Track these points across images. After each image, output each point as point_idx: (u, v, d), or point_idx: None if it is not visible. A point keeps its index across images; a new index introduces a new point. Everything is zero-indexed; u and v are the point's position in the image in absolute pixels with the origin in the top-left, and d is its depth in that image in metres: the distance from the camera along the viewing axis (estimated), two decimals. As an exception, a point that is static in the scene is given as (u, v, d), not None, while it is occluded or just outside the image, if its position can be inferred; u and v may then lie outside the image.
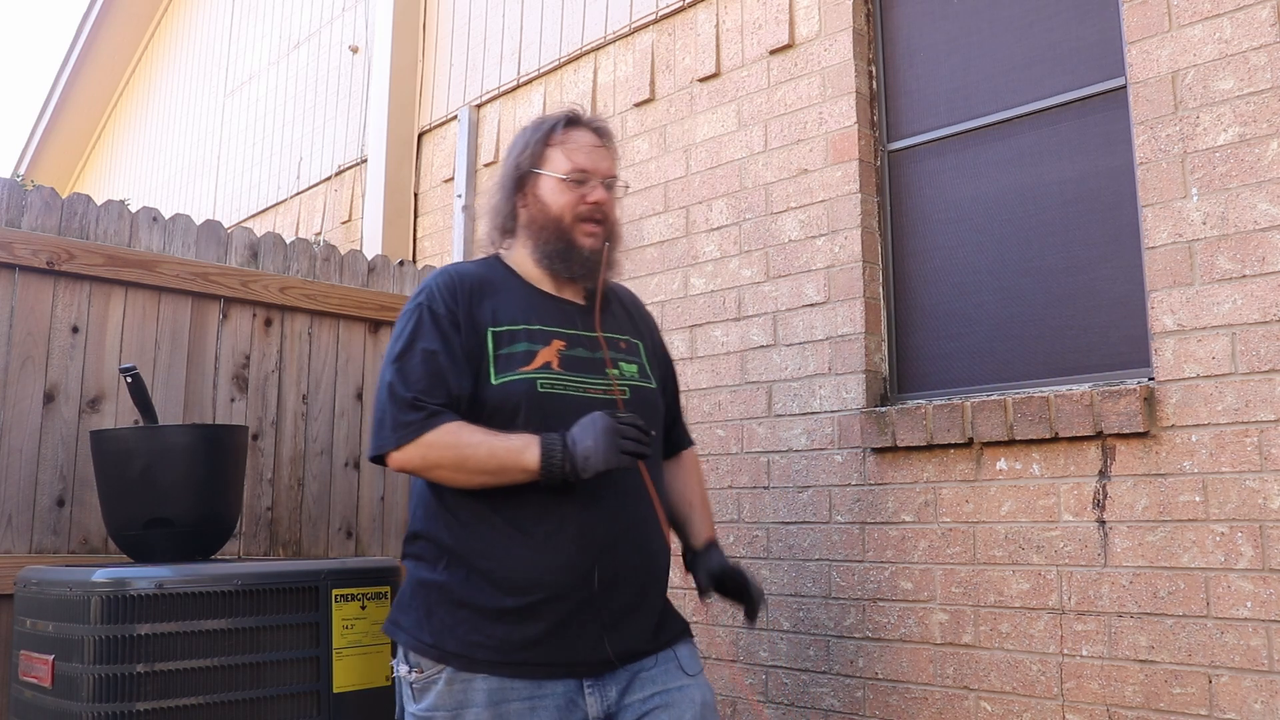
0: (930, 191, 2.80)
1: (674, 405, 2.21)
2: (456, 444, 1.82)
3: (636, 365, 2.04)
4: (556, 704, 1.84)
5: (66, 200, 2.81)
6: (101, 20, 7.97)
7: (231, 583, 2.15)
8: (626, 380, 1.98)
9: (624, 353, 2.03)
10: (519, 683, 1.82)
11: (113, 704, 1.99)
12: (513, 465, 1.79)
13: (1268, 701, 1.98)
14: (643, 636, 1.92)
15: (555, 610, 1.83)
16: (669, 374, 2.21)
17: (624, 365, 2.00)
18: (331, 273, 3.39)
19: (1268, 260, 2.08)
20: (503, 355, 1.90)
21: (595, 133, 2.05)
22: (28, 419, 2.68)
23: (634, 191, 3.46)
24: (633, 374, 2.01)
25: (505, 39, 4.19)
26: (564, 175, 1.97)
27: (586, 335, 1.98)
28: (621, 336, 2.06)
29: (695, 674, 1.96)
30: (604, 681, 1.88)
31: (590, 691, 1.87)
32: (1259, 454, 2.05)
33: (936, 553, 2.51)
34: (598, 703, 1.87)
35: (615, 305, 2.13)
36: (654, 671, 1.92)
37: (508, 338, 1.92)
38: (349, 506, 3.32)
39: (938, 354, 2.73)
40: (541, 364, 1.91)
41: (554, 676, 1.85)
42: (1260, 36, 2.13)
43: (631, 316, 2.15)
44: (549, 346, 1.94)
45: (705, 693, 1.96)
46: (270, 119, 6.00)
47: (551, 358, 1.92)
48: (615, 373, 1.96)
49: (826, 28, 2.97)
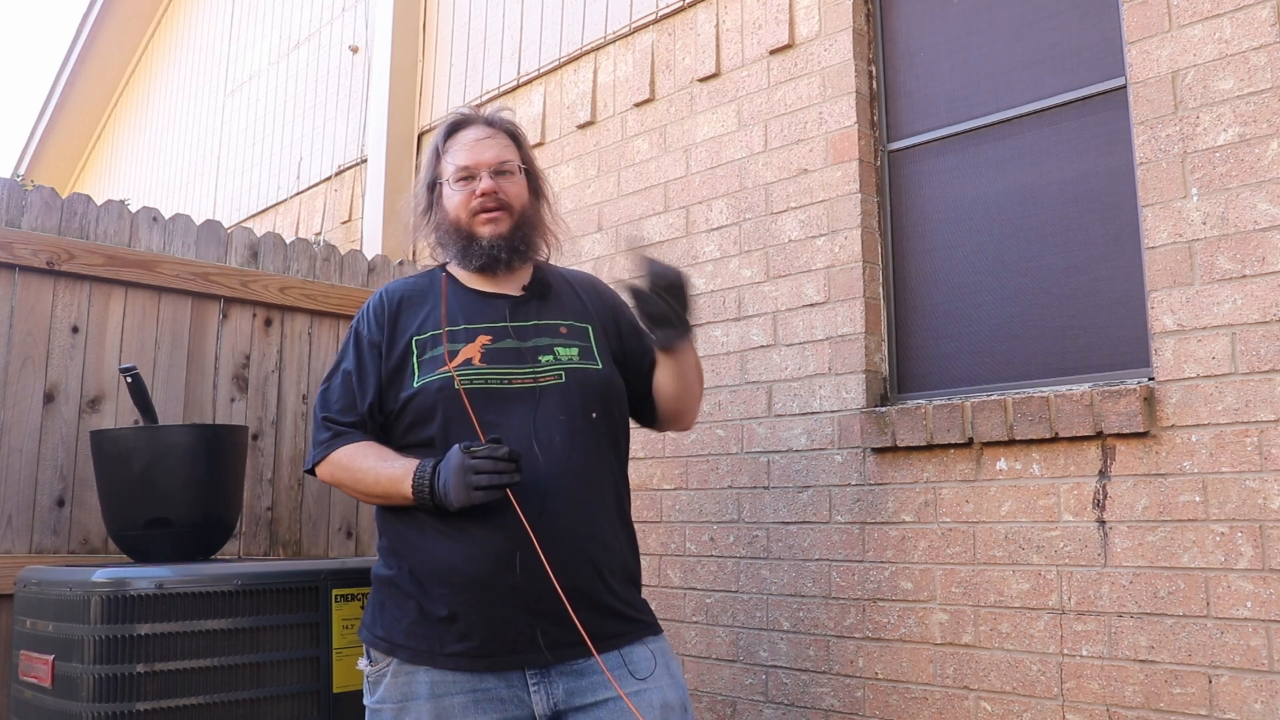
0: (930, 191, 2.80)
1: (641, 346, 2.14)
2: (351, 466, 1.93)
3: (578, 348, 2.00)
4: (500, 699, 1.85)
5: (66, 200, 2.81)
6: (101, 20, 7.97)
7: (231, 583, 2.15)
8: (562, 364, 1.96)
9: (564, 338, 2.01)
10: (459, 676, 1.84)
11: (113, 704, 1.99)
12: (395, 492, 1.87)
13: (1268, 701, 1.99)
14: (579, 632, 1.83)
15: (481, 600, 1.84)
16: (638, 347, 2.13)
17: (560, 350, 1.99)
18: (331, 273, 3.39)
19: (1268, 260, 2.08)
20: (425, 360, 1.96)
21: (484, 125, 2.09)
22: (28, 419, 2.68)
23: (634, 191, 3.46)
24: (571, 357, 1.98)
25: (505, 39, 4.19)
26: (452, 178, 2.04)
27: (516, 326, 2.00)
28: (562, 322, 2.03)
29: (645, 677, 1.87)
30: (549, 678, 1.86)
31: (535, 688, 1.85)
32: (1259, 454, 2.05)
33: (936, 553, 2.52)
34: (543, 700, 1.85)
35: (564, 290, 2.11)
36: (602, 677, 1.85)
37: (430, 343, 1.98)
38: (349, 506, 3.32)
39: (938, 354, 2.73)
40: (462, 361, 1.95)
41: (493, 670, 1.85)
42: (1260, 36, 2.13)
43: (581, 298, 2.12)
44: (473, 343, 1.98)
45: (666, 694, 1.88)
46: (270, 119, 6.00)
47: (474, 354, 1.96)
48: (549, 359, 1.97)
49: (826, 28, 2.97)
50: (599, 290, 2.19)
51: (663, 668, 1.91)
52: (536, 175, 2.14)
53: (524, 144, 2.13)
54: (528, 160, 2.12)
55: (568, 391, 1.93)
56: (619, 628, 1.90)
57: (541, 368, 1.95)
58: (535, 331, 2.00)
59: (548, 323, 2.03)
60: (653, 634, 1.96)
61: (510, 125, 2.12)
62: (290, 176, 5.62)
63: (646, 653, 1.91)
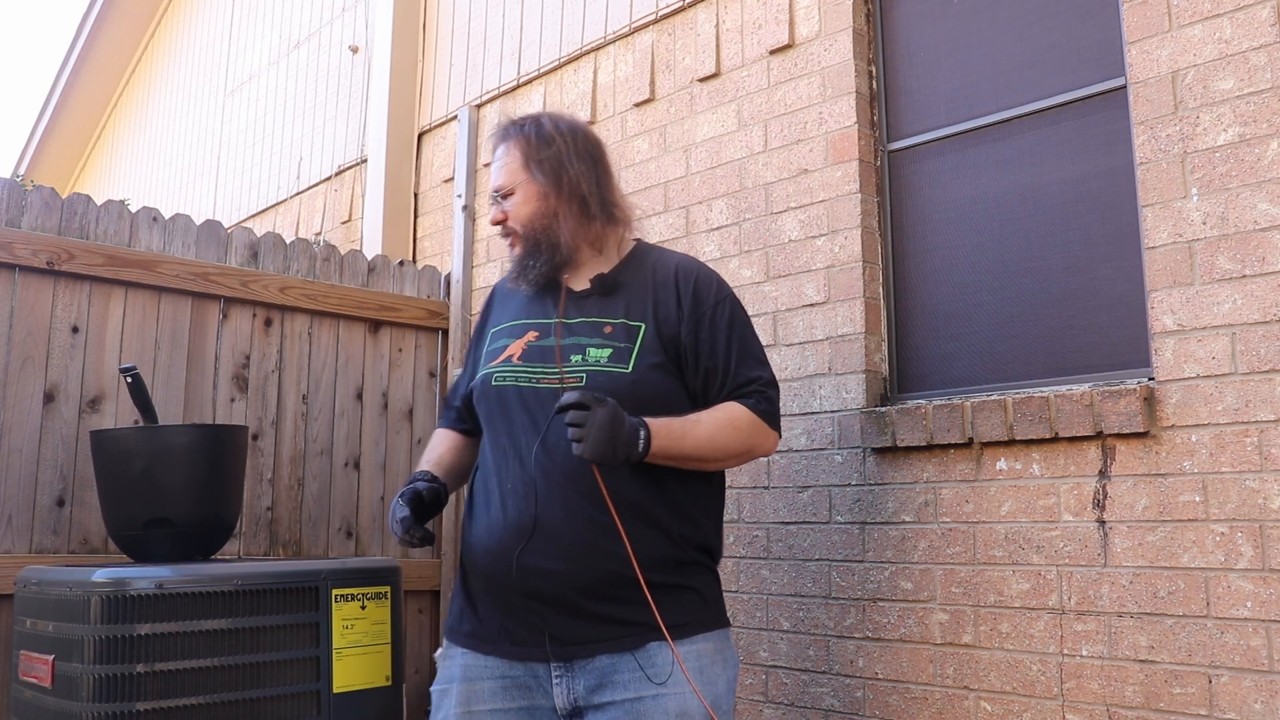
0: (930, 191, 2.80)
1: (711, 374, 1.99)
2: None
3: (612, 349, 1.93)
4: (525, 687, 1.88)
5: (66, 200, 2.81)
6: (101, 20, 7.97)
7: (231, 583, 2.15)
8: (589, 366, 1.92)
9: (605, 337, 1.95)
10: (490, 660, 1.91)
11: (113, 704, 1.99)
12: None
13: (1268, 701, 1.99)
14: (590, 630, 1.84)
15: (493, 591, 1.92)
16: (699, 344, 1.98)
17: (592, 350, 1.94)
18: (331, 273, 3.39)
19: (1268, 260, 2.08)
20: (487, 353, 2.07)
21: (498, 142, 2.10)
22: (28, 419, 2.68)
23: (634, 191, 3.46)
24: (600, 359, 1.92)
25: (505, 39, 4.19)
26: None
27: (563, 323, 1.99)
28: (611, 320, 1.97)
29: (662, 681, 1.83)
30: (573, 672, 1.86)
31: (557, 681, 1.86)
32: (1259, 454, 2.05)
33: (936, 553, 2.52)
34: (564, 694, 1.86)
35: (639, 284, 2.02)
36: (625, 676, 1.83)
37: (495, 337, 2.09)
38: (349, 506, 3.32)
39: (938, 354, 2.73)
40: (505, 358, 2.01)
41: (519, 659, 1.89)
42: (1260, 36, 2.13)
43: (648, 295, 2.01)
44: (521, 339, 2.01)
45: (682, 701, 1.83)
46: (270, 119, 6.00)
47: (517, 350, 2.00)
48: (579, 358, 1.93)
49: (826, 28, 2.97)
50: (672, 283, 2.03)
51: (693, 673, 1.85)
52: (560, 167, 2.02)
53: (532, 143, 2.04)
54: (543, 158, 2.02)
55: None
56: (611, 632, 1.85)
57: (570, 367, 1.93)
58: (582, 329, 1.97)
59: (597, 320, 1.98)
60: (686, 635, 1.88)
61: (515, 131, 2.07)
62: (290, 176, 5.62)
63: (668, 656, 1.84)
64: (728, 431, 1.93)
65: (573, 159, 2.03)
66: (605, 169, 2.10)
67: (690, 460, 1.92)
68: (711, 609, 1.97)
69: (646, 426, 1.82)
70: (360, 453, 3.35)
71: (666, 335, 1.97)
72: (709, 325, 1.98)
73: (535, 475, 1.87)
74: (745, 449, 1.98)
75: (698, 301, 2.00)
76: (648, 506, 1.89)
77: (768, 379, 2.02)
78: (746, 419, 1.95)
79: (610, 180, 2.11)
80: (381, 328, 3.49)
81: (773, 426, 2.00)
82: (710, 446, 1.91)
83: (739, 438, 1.95)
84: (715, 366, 1.98)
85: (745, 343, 2.02)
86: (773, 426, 2.00)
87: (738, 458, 1.99)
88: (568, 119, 2.11)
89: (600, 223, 2.05)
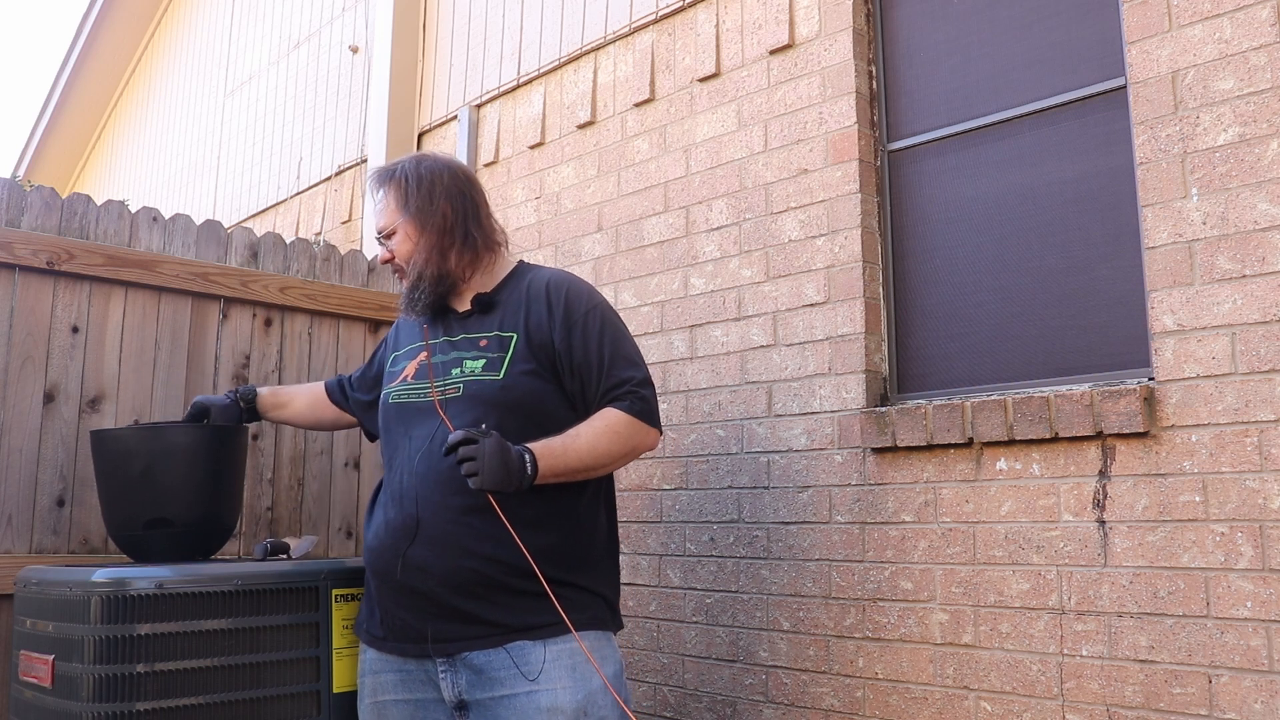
0: (930, 191, 2.80)
1: (585, 376, 2.10)
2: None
3: (485, 360, 2.09)
4: (420, 680, 2.04)
5: (66, 200, 2.81)
6: (101, 20, 7.97)
7: (231, 583, 2.15)
8: (465, 377, 2.09)
9: (480, 350, 2.12)
10: (388, 656, 2.08)
11: (113, 704, 1.99)
12: None
13: (1268, 701, 1.99)
14: (460, 629, 1.98)
15: (384, 590, 2.07)
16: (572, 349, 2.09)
17: (468, 363, 2.11)
18: (331, 273, 3.39)
19: (1268, 260, 2.08)
20: (388, 374, 2.31)
21: (375, 187, 2.27)
22: (28, 419, 2.68)
23: (634, 191, 3.46)
24: (474, 370, 2.09)
25: (505, 39, 4.19)
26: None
27: (443, 342, 2.19)
28: (486, 334, 2.14)
29: (534, 678, 1.93)
30: (455, 668, 2.00)
31: (443, 676, 2.01)
32: (1259, 454, 2.05)
33: (936, 553, 2.51)
34: (449, 687, 2.01)
35: (514, 299, 2.17)
36: (501, 673, 1.96)
37: (395, 360, 2.30)
38: (349, 506, 3.32)
39: (938, 354, 2.73)
40: (401, 379, 2.22)
41: (410, 655, 2.04)
42: (1260, 36, 2.13)
43: (525, 308, 2.14)
44: (414, 360, 2.22)
45: (559, 697, 1.92)
46: (270, 119, 6.00)
47: (410, 370, 2.21)
48: (458, 371, 2.11)
49: (826, 28, 2.97)
50: (543, 296, 2.15)
51: (565, 670, 1.95)
52: (430, 206, 2.18)
53: (405, 187, 2.20)
54: (417, 199, 2.18)
55: (463, 404, 2.06)
56: (478, 630, 1.97)
57: (450, 380, 2.11)
58: (463, 345, 2.15)
59: (474, 336, 2.16)
60: (557, 634, 1.97)
61: (388, 176, 2.23)
62: (290, 176, 5.62)
63: (541, 653, 1.96)
64: (607, 438, 2.04)
65: (442, 196, 2.19)
66: (475, 201, 2.25)
67: (578, 472, 2.03)
68: (586, 612, 2.05)
69: (530, 450, 1.94)
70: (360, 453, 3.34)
71: (537, 342, 2.10)
72: (581, 330, 2.11)
73: (415, 480, 2.05)
74: (627, 450, 2.09)
75: (569, 310, 2.13)
76: (529, 511, 2.01)
77: (641, 378, 2.12)
78: (623, 422, 2.06)
79: (481, 211, 2.26)
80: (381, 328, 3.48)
81: (650, 424, 2.11)
82: (593, 456, 2.02)
83: (619, 441, 2.06)
84: (589, 369, 2.10)
85: (617, 345, 2.14)
86: (650, 424, 2.11)
87: (623, 458, 2.10)
88: (442, 159, 2.26)
89: (474, 251, 2.21)
